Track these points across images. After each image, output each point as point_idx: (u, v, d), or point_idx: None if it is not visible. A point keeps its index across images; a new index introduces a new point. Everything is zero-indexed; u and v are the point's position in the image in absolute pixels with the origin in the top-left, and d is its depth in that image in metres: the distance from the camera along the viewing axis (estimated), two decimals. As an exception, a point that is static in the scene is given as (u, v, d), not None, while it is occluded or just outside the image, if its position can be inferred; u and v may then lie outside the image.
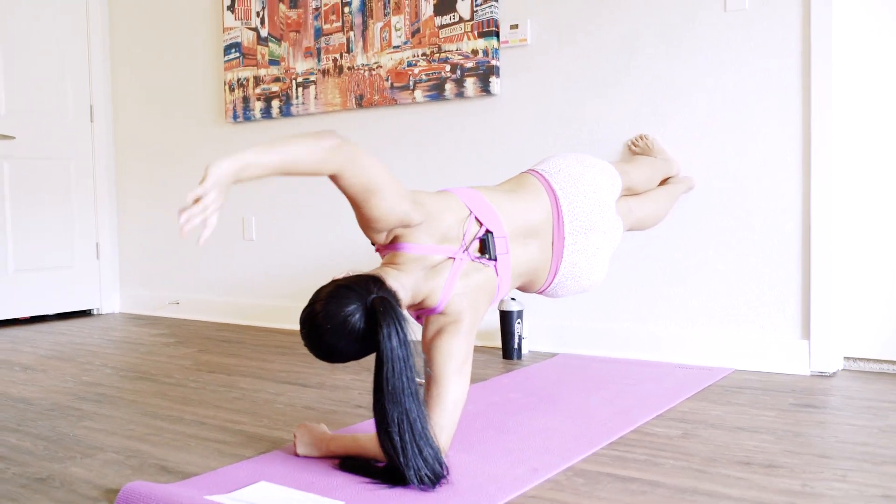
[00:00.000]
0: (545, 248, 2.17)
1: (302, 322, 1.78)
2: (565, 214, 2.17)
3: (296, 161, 1.68)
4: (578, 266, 2.21)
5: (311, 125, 4.12)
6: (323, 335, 1.74)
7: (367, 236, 1.94)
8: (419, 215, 1.89)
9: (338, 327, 1.72)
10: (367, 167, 1.77)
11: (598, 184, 2.26)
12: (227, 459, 2.00)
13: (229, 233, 4.52)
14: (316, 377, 2.96)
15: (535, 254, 2.15)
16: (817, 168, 2.82)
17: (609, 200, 2.29)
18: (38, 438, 2.22)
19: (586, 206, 2.21)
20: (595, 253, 2.23)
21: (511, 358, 3.23)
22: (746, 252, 2.99)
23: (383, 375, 1.69)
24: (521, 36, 3.45)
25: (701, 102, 3.06)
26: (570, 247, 2.18)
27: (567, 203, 2.19)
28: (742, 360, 2.96)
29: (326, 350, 1.77)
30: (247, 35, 4.30)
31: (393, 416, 1.69)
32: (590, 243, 2.22)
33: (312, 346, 1.78)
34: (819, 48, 2.81)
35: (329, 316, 1.72)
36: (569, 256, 2.18)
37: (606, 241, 2.28)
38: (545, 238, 2.17)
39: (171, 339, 3.90)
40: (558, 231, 2.17)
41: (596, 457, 1.95)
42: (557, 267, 2.19)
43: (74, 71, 4.82)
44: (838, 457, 1.92)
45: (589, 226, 2.21)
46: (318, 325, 1.73)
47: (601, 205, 2.24)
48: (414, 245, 1.90)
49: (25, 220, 4.58)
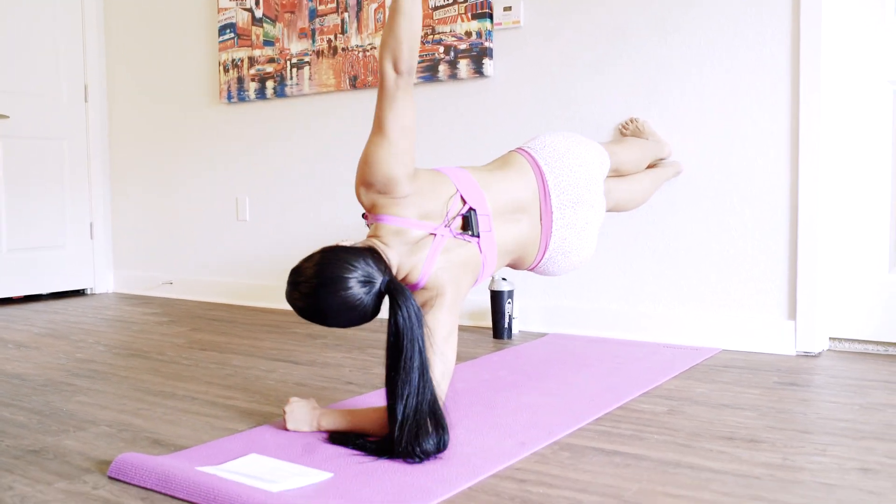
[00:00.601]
0: (534, 224, 2.19)
1: (303, 281, 1.80)
2: (552, 189, 2.20)
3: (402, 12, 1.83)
4: (568, 241, 2.23)
5: (304, 106, 4.13)
6: (319, 298, 1.78)
7: (356, 193, 1.99)
8: (409, 188, 1.92)
9: (342, 297, 1.77)
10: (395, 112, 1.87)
11: (583, 158, 2.29)
12: (219, 433, 2.03)
13: (223, 213, 4.53)
14: (307, 354, 2.99)
15: (525, 230, 2.18)
16: (805, 152, 2.85)
17: (596, 175, 2.31)
18: (32, 412, 2.25)
19: (572, 180, 2.23)
20: (584, 227, 2.26)
21: (501, 338, 3.26)
22: (734, 234, 3.01)
23: (403, 356, 1.73)
24: (514, 18, 3.46)
25: (692, 86, 3.08)
26: (558, 221, 2.20)
27: (553, 178, 2.21)
28: (729, 340, 3.00)
29: (319, 312, 1.81)
30: (241, 16, 4.30)
31: (404, 394, 1.73)
32: (578, 217, 2.24)
33: (305, 304, 1.81)
34: (808, 33, 2.83)
35: (331, 281, 1.77)
36: (558, 231, 2.21)
37: (594, 216, 2.31)
38: (533, 214, 2.19)
39: (164, 318, 3.93)
40: (545, 206, 2.19)
41: (582, 431, 1.99)
42: (547, 242, 2.21)
43: (69, 51, 4.82)
44: (819, 432, 1.95)
45: (575, 199, 2.23)
46: (318, 287, 1.77)
47: (587, 178, 2.27)
48: (394, 217, 1.93)
49: (19, 199, 4.59)
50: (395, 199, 1.94)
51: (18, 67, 4.57)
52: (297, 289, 1.82)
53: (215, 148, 4.55)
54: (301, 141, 4.18)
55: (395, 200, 1.94)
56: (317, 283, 1.78)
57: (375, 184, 1.93)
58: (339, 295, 1.77)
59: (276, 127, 4.28)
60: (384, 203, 1.95)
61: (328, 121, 4.07)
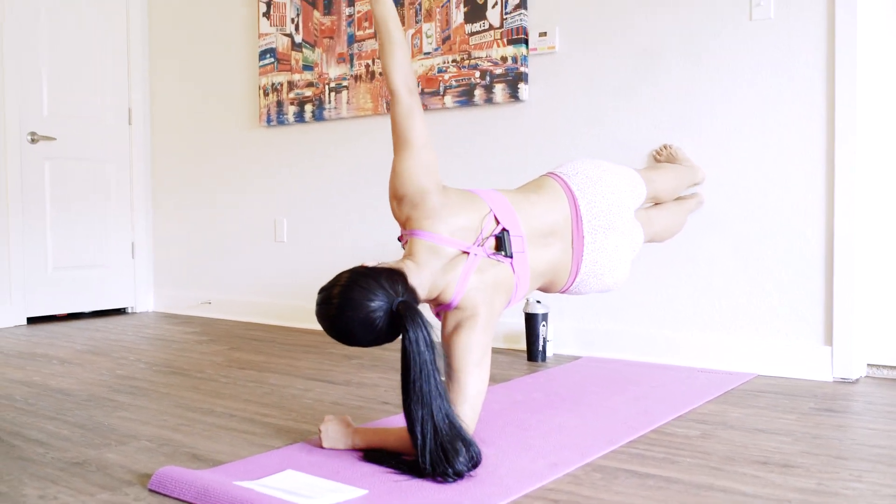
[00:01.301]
0: (566, 248, 2.22)
1: (323, 300, 1.88)
2: (584, 214, 2.22)
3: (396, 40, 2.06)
4: (599, 264, 2.25)
5: (342, 129, 4.20)
6: (342, 319, 1.83)
7: (392, 211, 2.06)
8: (436, 200, 1.99)
9: (360, 318, 1.82)
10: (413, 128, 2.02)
11: (615, 186, 2.31)
12: (256, 449, 2.07)
13: (261, 235, 4.60)
14: (344, 375, 3.03)
15: (557, 253, 2.20)
16: (840, 175, 2.84)
17: (627, 203, 2.33)
18: (76, 426, 2.30)
19: (604, 206, 2.25)
20: (615, 251, 2.27)
21: (535, 360, 3.27)
22: (770, 258, 3.01)
23: (411, 378, 1.77)
24: (549, 43, 3.50)
25: (725, 110, 3.09)
26: (589, 245, 2.22)
27: (585, 203, 2.23)
28: (764, 365, 2.98)
29: (341, 332, 1.87)
30: (282, 41, 4.39)
31: (420, 416, 1.76)
32: (609, 242, 2.26)
33: (328, 324, 1.88)
34: (843, 56, 2.83)
35: (352, 303, 1.82)
36: (589, 255, 2.23)
37: (626, 242, 2.32)
38: (565, 238, 2.21)
39: (204, 337, 3.99)
40: (577, 230, 2.22)
41: (615, 454, 1.99)
42: (579, 266, 2.23)
43: (114, 76, 4.95)
44: (855, 458, 1.94)
45: (607, 225, 2.25)
46: (340, 307, 1.83)
47: (619, 205, 2.29)
48: (428, 233, 1.97)
49: (64, 219, 4.70)
50: (427, 211, 1.98)
51: (66, 92, 4.70)
52: (320, 308, 1.89)
53: (254, 170, 4.64)
54: (338, 163, 4.25)
55: (427, 213, 1.98)
56: (336, 303, 1.84)
57: (406, 195, 2.00)
58: (355, 315, 1.82)
59: (313, 150, 4.35)
60: (417, 216, 2.00)
61: (365, 144, 4.13)
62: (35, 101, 4.56)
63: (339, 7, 4.15)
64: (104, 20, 4.89)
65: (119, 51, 4.97)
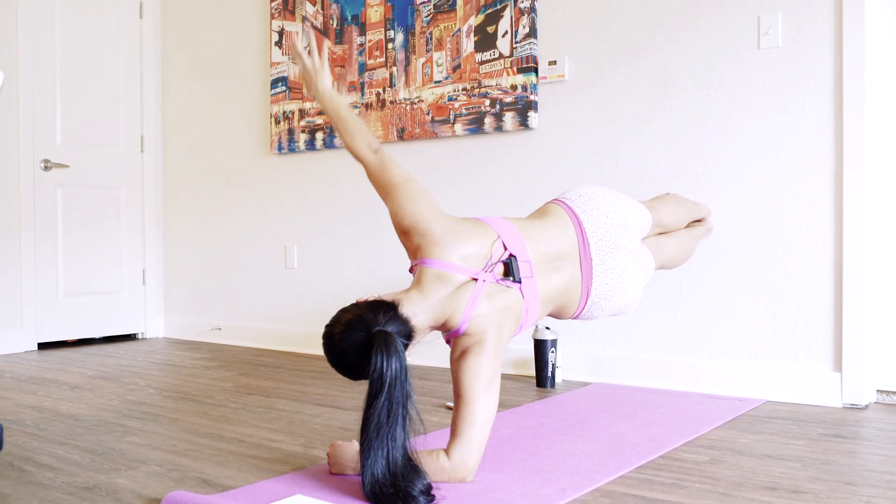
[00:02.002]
0: (574, 271, 2.23)
1: (322, 338, 1.94)
2: (590, 236, 2.24)
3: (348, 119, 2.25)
4: (610, 286, 2.25)
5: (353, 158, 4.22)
6: (336, 355, 1.90)
7: (405, 246, 2.10)
8: (442, 227, 2.02)
9: (346, 352, 1.87)
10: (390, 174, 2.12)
11: (618, 206, 2.33)
12: (265, 474, 2.07)
13: (271, 261, 4.63)
14: (352, 400, 3.03)
15: (566, 278, 2.21)
16: (849, 201, 2.85)
17: (632, 222, 2.34)
18: (85, 451, 2.31)
19: (609, 226, 2.27)
20: (625, 272, 2.28)
21: (545, 386, 3.27)
22: (779, 285, 3.01)
23: (366, 406, 1.78)
24: (559, 72, 3.53)
25: (735, 138, 3.11)
26: (598, 267, 2.23)
27: (590, 225, 2.25)
28: (773, 391, 2.98)
29: (340, 368, 1.92)
30: (293, 69, 4.44)
31: (371, 446, 1.76)
32: (618, 263, 2.27)
33: (331, 362, 1.93)
34: (851, 84, 2.85)
35: (339, 341, 1.88)
36: (598, 277, 2.23)
37: (635, 262, 2.33)
38: (574, 262, 2.22)
39: (213, 363, 4.01)
40: (585, 253, 2.23)
41: (623, 479, 1.99)
42: (589, 289, 2.24)
43: (127, 103, 5.01)
44: (864, 484, 1.94)
45: (614, 245, 2.26)
46: (331, 346, 1.90)
47: (623, 225, 2.30)
48: (437, 261, 1.99)
49: (76, 246, 4.74)
50: (436, 238, 2.01)
51: (79, 120, 4.76)
52: (323, 347, 1.94)
53: (265, 197, 4.67)
54: (349, 190, 4.28)
55: (435, 240, 2.01)
56: (327, 342, 1.91)
57: (411, 226, 2.04)
58: (345, 349, 1.86)
59: (324, 177, 4.39)
60: (426, 244, 2.02)
61: (375, 171, 4.15)
62: (48, 129, 4.62)
63: (350, 36, 4.20)
64: (118, 48, 4.95)
65: (132, 79, 5.04)
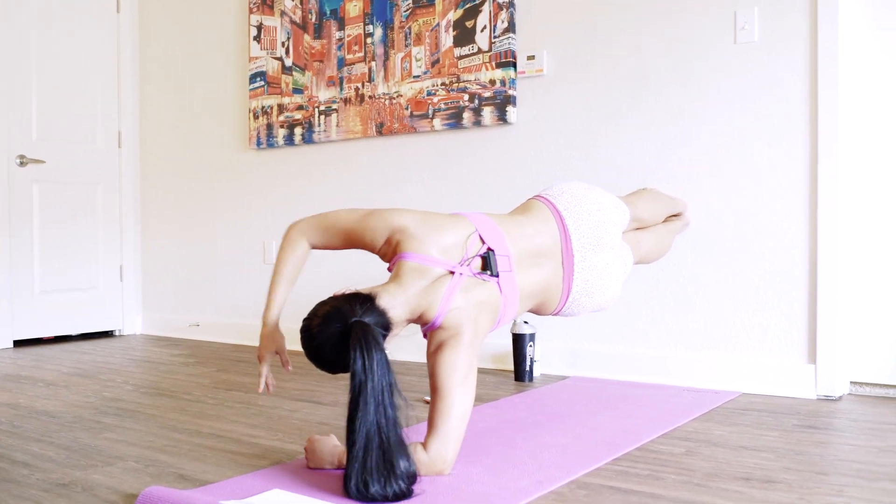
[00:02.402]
0: (556, 267, 2.24)
1: (300, 332, 1.97)
2: (572, 233, 2.24)
3: (290, 273, 2.36)
4: (591, 283, 2.27)
5: (332, 152, 4.23)
6: (314, 349, 1.93)
7: (379, 255, 2.11)
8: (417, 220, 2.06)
9: (323, 345, 1.90)
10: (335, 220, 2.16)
11: (600, 203, 2.34)
12: (243, 469, 2.07)
13: (250, 257, 4.62)
14: (330, 395, 3.03)
15: (548, 274, 2.22)
16: (824, 195, 2.88)
17: (613, 219, 2.35)
18: (61, 448, 2.30)
19: (591, 223, 2.28)
20: (606, 269, 2.29)
21: (523, 380, 3.29)
22: (754, 278, 3.04)
23: (350, 398, 1.79)
24: (537, 67, 3.54)
25: (712, 131, 3.13)
26: (579, 264, 2.24)
27: (572, 222, 2.26)
28: (749, 384, 3.01)
29: (318, 361, 1.95)
30: (272, 64, 4.43)
31: (357, 438, 1.76)
32: (599, 260, 2.28)
33: (309, 356, 1.96)
34: (826, 78, 2.88)
35: (316, 334, 1.91)
36: (580, 273, 2.25)
37: (616, 260, 2.35)
38: (555, 258, 2.23)
39: (191, 360, 3.99)
40: (566, 250, 2.24)
41: (600, 471, 2.01)
42: (570, 285, 2.25)
43: (104, 99, 4.97)
44: (836, 473, 1.96)
45: (595, 242, 2.27)
46: (309, 339, 1.93)
47: (606, 222, 2.31)
48: (415, 255, 2.00)
49: (52, 242, 4.70)
50: (414, 235, 2.03)
51: (55, 115, 4.72)
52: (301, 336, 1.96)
53: (243, 193, 4.66)
54: (328, 186, 4.27)
55: (412, 234, 2.03)
56: (305, 335, 1.94)
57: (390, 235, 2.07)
58: (322, 342, 1.89)
59: (303, 172, 4.38)
60: (404, 239, 2.03)
61: (354, 166, 4.16)
62: (24, 125, 4.57)
63: (329, 31, 4.19)
64: (94, 43, 4.91)
65: (109, 74, 5.00)
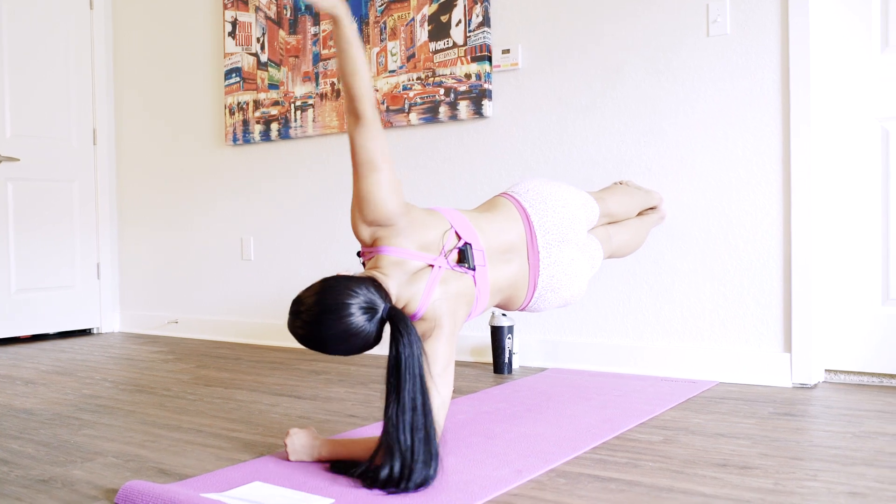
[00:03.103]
0: (522, 263, 2.26)
1: (308, 307, 1.85)
2: (537, 229, 2.27)
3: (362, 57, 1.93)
4: (556, 278, 2.29)
5: (308, 148, 4.22)
6: (322, 325, 1.82)
7: (356, 232, 2.05)
8: (404, 220, 2.00)
9: (344, 323, 1.82)
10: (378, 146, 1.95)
11: (566, 200, 2.35)
12: (223, 463, 2.07)
13: (228, 253, 4.60)
14: (311, 389, 3.04)
15: (515, 269, 2.24)
16: (797, 186, 2.92)
17: (579, 215, 2.37)
18: (40, 445, 2.29)
19: (556, 220, 2.29)
20: (570, 264, 2.31)
21: (502, 372, 3.30)
22: (730, 269, 3.07)
23: (401, 383, 1.78)
24: (512, 60, 3.55)
25: (686, 124, 3.16)
26: (545, 259, 2.26)
27: (538, 219, 2.28)
28: (726, 373, 3.04)
29: (320, 339, 1.86)
30: (247, 60, 4.42)
31: (408, 422, 1.77)
32: (564, 255, 2.30)
33: (307, 331, 1.86)
34: (797, 70, 2.91)
35: (340, 308, 1.82)
36: (545, 269, 2.27)
37: (581, 255, 2.37)
38: (522, 254, 2.25)
39: (170, 356, 3.98)
40: (532, 246, 2.26)
41: (578, 460, 2.03)
42: (536, 281, 2.27)
43: (79, 95, 4.93)
44: (811, 459, 1.99)
45: (560, 238, 2.29)
46: (326, 314, 1.82)
47: (571, 218, 2.33)
48: (395, 248, 2.00)
49: (28, 240, 4.66)
50: (396, 231, 2.01)
51: (29, 112, 4.67)
52: (299, 317, 1.87)
53: (220, 189, 4.64)
54: (305, 181, 4.27)
55: (395, 232, 2.01)
56: (318, 310, 1.83)
57: (377, 220, 2.00)
58: (341, 322, 1.82)
59: (280, 168, 4.37)
60: (384, 235, 2.02)
61: (332, 161, 4.15)
62: (-2, 122, 4.54)
63: (304, 26, 4.18)
64: (68, 39, 4.87)
65: (83, 70, 4.96)
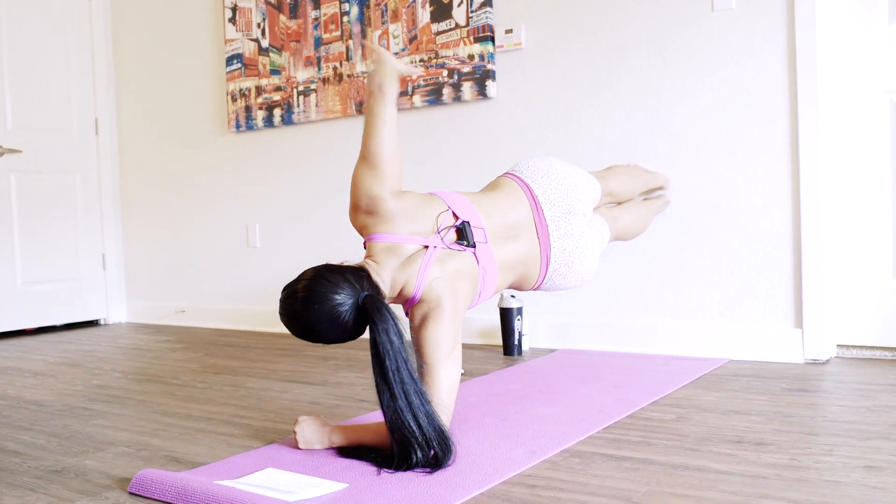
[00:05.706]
0: (532, 239, 2.24)
1: (287, 295, 1.90)
2: (542, 203, 2.26)
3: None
4: (568, 251, 2.27)
5: (311, 133, 4.20)
6: (307, 313, 1.86)
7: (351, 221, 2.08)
8: (394, 205, 2.01)
9: (325, 312, 1.85)
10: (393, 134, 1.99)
11: (567, 172, 2.35)
12: (235, 450, 2.07)
13: (233, 241, 4.59)
14: (320, 375, 3.03)
15: (524, 246, 2.23)
16: (805, 162, 2.89)
17: (583, 188, 2.36)
18: (52, 436, 2.29)
19: (561, 192, 2.29)
20: (581, 237, 2.30)
21: (512, 354, 3.29)
22: (740, 245, 3.05)
23: (386, 371, 1.79)
24: (515, 40, 3.52)
25: (692, 102, 3.13)
26: (554, 233, 2.25)
27: (542, 192, 2.27)
28: (737, 350, 3.03)
29: (305, 327, 1.89)
30: (248, 46, 4.39)
31: (399, 408, 1.77)
32: (573, 227, 2.29)
33: (292, 319, 1.90)
34: (804, 44, 2.88)
35: (318, 296, 1.85)
36: (556, 242, 2.25)
37: (590, 228, 2.36)
38: (530, 230, 2.24)
39: (178, 345, 3.97)
40: (539, 220, 2.24)
41: (592, 439, 2.02)
42: (548, 255, 2.26)
43: (80, 85, 4.91)
44: (826, 434, 1.98)
45: (567, 209, 2.28)
46: (305, 301, 1.86)
47: (575, 190, 2.33)
48: (386, 235, 2.00)
49: (32, 232, 4.66)
50: (382, 217, 2.01)
51: (30, 104, 4.66)
52: (284, 304, 1.91)
53: (225, 176, 4.62)
54: (309, 167, 4.25)
55: (382, 219, 2.01)
56: (301, 297, 1.87)
57: (361, 205, 2.02)
58: (321, 309, 1.85)
59: (284, 154, 4.35)
60: (373, 223, 2.02)
61: (335, 146, 4.13)
62: (-1, 114, 4.53)
63: (304, 10, 4.15)
64: (67, 30, 4.85)
65: (83, 61, 4.94)
